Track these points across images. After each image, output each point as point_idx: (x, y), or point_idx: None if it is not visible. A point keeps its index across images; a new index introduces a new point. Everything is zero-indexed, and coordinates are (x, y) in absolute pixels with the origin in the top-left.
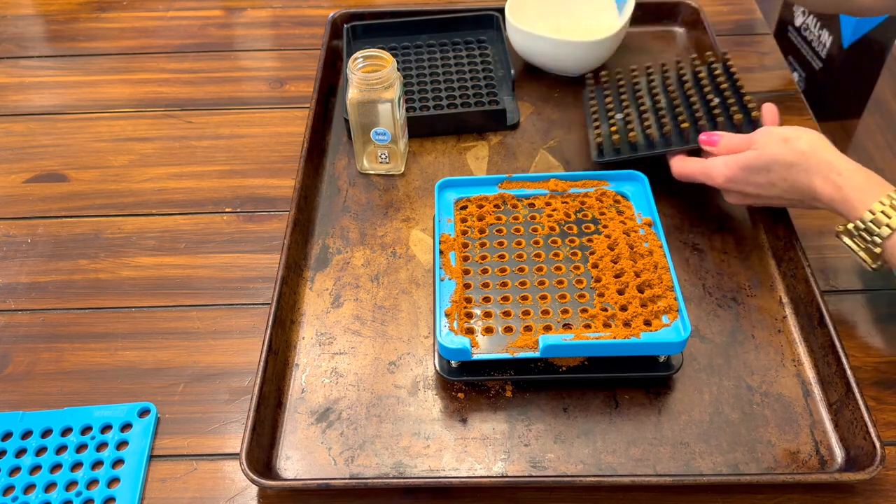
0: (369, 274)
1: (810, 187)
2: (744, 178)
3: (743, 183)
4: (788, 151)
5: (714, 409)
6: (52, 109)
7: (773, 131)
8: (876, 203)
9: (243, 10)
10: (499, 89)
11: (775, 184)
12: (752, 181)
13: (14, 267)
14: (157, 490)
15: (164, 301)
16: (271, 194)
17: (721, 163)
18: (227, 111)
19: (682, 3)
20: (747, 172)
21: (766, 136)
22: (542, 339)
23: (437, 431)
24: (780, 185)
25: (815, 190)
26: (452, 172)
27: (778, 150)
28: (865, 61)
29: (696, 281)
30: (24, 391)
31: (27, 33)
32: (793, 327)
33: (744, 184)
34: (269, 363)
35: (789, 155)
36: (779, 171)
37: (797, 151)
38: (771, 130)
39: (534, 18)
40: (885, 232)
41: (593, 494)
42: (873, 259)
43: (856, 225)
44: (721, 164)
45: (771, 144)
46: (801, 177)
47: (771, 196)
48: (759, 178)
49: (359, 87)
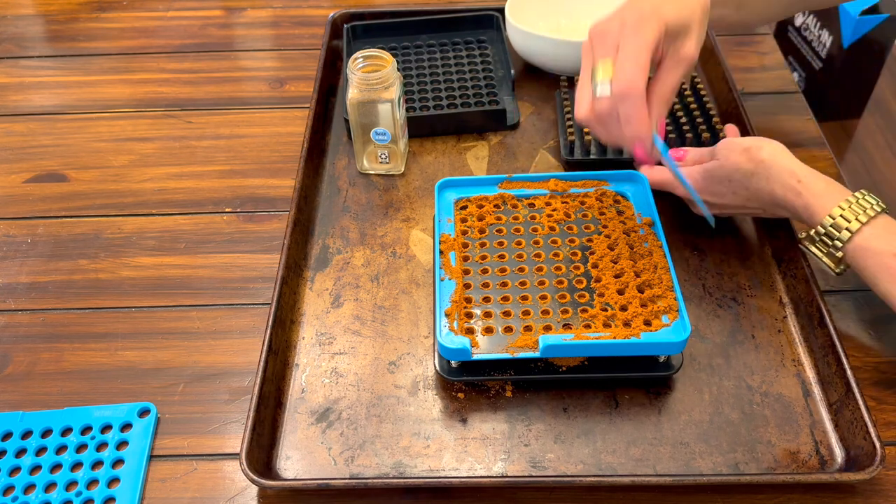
0: (369, 274)
1: (772, 195)
2: (707, 187)
3: (707, 193)
4: (749, 160)
5: (714, 409)
6: (52, 109)
7: (734, 142)
8: (835, 208)
9: (243, 10)
10: (499, 89)
11: (737, 192)
12: (715, 190)
13: (14, 267)
14: (157, 490)
15: (164, 301)
16: (271, 194)
17: (685, 173)
18: (227, 111)
19: None
20: (710, 182)
21: (727, 146)
22: (542, 339)
23: (437, 431)
24: (743, 193)
25: (776, 197)
26: (452, 172)
27: (739, 160)
28: (865, 61)
29: (696, 281)
30: (24, 391)
31: (27, 33)
32: (793, 327)
33: (708, 193)
34: (269, 363)
35: (750, 164)
36: (740, 181)
37: (757, 160)
38: (732, 141)
39: (534, 18)
40: (845, 236)
41: (593, 494)
42: (836, 264)
43: (816, 230)
44: (685, 174)
45: (732, 155)
46: (763, 185)
47: (735, 205)
48: (722, 188)
49: (359, 87)
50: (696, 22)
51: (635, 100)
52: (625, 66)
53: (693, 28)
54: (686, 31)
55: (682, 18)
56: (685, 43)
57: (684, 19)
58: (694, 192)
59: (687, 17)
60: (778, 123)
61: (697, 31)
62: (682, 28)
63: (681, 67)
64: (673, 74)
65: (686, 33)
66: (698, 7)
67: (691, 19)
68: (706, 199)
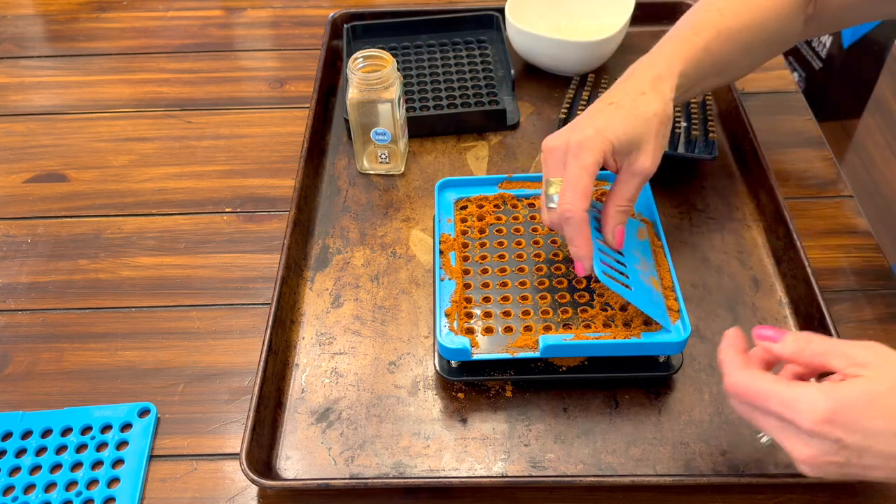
0: (369, 274)
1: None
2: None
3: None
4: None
5: (714, 409)
6: (52, 109)
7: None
8: None
9: (243, 10)
10: (499, 89)
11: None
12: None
13: (14, 267)
14: (157, 490)
15: (164, 301)
16: (271, 194)
17: (819, 394)
18: (227, 111)
19: (682, 3)
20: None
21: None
22: (542, 339)
23: (437, 431)
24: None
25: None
26: (452, 172)
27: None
28: (865, 61)
29: (696, 281)
30: (24, 391)
31: (27, 33)
32: (793, 327)
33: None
34: (269, 363)
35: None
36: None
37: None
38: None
39: (534, 18)
40: None
41: (593, 494)
42: None
43: None
44: (819, 396)
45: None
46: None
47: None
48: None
49: (359, 87)
50: (651, 135)
51: (575, 224)
52: (566, 192)
53: (648, 141)
54: (638, 146)
55: (632, 135)
56: (639, 157)
57: (635, 136)
58: (636, 302)
59: (639, 132)
60: (778, 123)
61: (654, 144)
62: (633, 144)
63: (635, 180)
64: (628, 187)
65: (639, 148)
66: (654, 120)
67: (644, 134)
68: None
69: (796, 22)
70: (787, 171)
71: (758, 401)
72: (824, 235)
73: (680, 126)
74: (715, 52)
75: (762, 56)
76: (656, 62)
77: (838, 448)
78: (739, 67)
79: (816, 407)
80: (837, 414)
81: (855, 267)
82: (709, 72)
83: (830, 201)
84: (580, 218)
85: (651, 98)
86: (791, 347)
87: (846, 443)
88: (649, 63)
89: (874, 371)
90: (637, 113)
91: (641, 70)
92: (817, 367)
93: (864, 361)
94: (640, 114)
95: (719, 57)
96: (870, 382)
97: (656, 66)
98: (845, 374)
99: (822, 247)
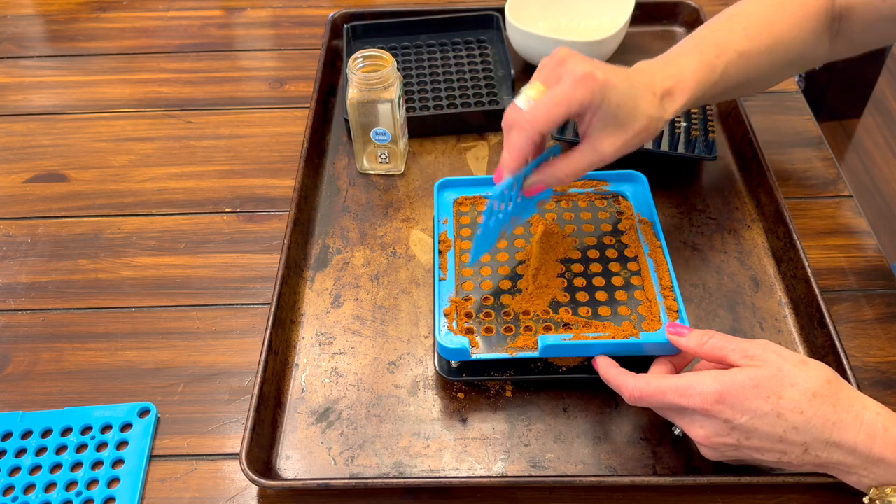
0: (369, 274)
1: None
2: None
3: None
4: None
5: None
6: (52, 109)
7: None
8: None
9: (243, 10)
10: (499, 89)
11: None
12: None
13: (14, 267)
14: (157, 490)
15: (164, 301)
16: (271, 194)
17: (708, 378)
18: (227, 111)
19: (682, 2)
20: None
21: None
22: (541, 339)
23: (437, 431)
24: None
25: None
26: (452, 172)
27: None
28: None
29: (696, 281)
30: (24, 391)
31: (27, 33)
32: (793, 327)
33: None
34: (269, 363)
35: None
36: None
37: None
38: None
39: (534, 18)
40: None
41: (593, 494)
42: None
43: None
44: (708, 380)
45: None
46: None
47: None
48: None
49: (359, 87)
50: (633, 128)
51: (525, 137)
52: (540, 105)
53: (626, 131)
54: (615, 128)
55: (622, 113)
56: (608, 137)
57: (622, 115)
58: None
59: (627, 116)
60: (778, 123)
61: (628, 137)
62: (615, 120)
63: (589, 156)
64: (579, 160)
65: (614, 130)
66: (644, 120)
67: (629, 122)
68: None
69: (820, 44)
70: (787, 171)
71: (658, 397)
72: (824, 235)
73: (680, 126)
74: (731, 76)
75: (779, 77)
76: (672, 76)
77: (729, 429)
78: (753, 87)
79: (707, 389)
80: (725, 395)
81: (855, 267)
82: (719, 93)
83: (830, 201)
84: (533, 135)
85: (653, 104)
86: (694, 341)
87: (735, 423)
88: (665, 74)
89: (760, 360)
90: (637, 103)
91: (661, 76)
92: (717, 359)
93: (754, 354)
94: (639, 106)
95: (734, 80)
96: (756, 370)
97: (671, 80)
98: (738, 364)
99: (822, 247)
